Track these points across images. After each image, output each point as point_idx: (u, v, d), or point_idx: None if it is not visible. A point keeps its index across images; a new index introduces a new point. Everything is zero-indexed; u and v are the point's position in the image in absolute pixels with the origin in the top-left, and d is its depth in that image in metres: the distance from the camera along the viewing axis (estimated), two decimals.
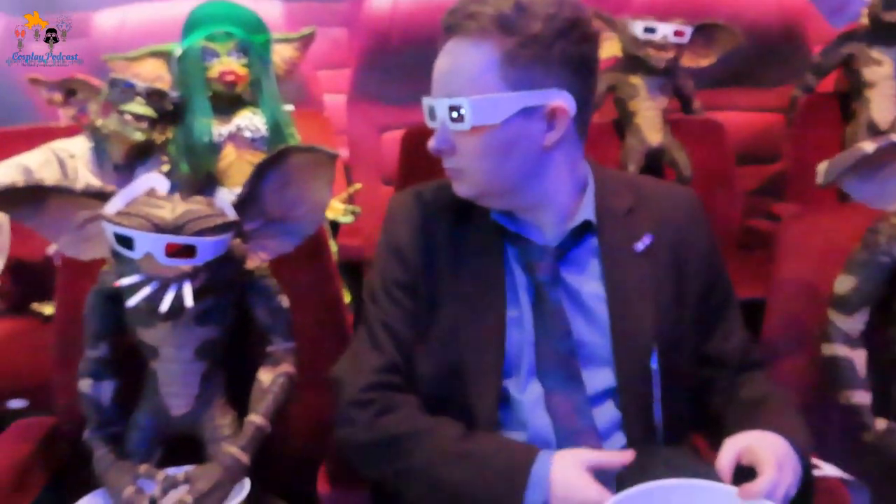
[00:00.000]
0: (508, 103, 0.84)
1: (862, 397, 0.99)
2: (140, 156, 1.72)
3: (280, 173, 0.99)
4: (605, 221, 0.94)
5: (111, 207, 0.92)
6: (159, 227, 0.89)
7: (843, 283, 1.01)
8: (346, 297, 1.85)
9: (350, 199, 1.92)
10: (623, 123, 1.98)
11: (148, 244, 0.88)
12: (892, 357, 1.02)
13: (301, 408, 1.05)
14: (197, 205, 0.94)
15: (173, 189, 1.78)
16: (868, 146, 0.90)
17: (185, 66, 1.69)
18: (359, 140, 2.19)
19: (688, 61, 1.97)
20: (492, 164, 0.87)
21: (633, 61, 1.92)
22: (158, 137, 1.70)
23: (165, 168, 1.75)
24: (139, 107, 1.63)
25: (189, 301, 0.89)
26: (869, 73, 1.91)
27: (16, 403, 1.62)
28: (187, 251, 0.89)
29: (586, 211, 0.94)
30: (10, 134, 1.85)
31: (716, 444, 0.80)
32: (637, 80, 1.93)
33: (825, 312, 1.03)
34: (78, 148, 1.70)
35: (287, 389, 1.02)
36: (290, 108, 1.84)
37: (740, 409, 0.91)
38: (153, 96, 1.65)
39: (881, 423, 0.98)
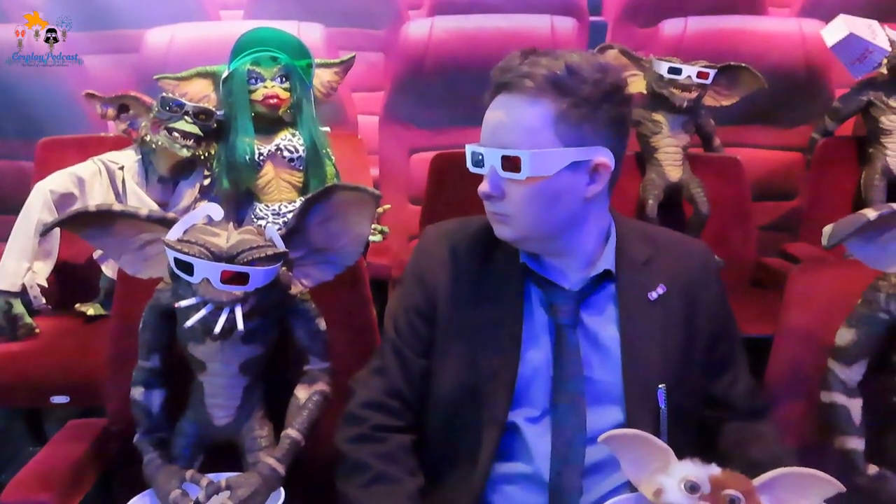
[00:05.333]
0: (561, 157, 0.92)
1: (856, 443, 1.06)
2: (183, 170, 1.82)
3: (326, 208, 1.08)
4: (623, 271, 1.01)
5: (173, 234, 1.01)
6: (216, 256, 0.98)
7: (844, 336, 1.08)
8: None
9: (379, 219, 2.01)
10: (644, 158, 2.05)
11: (206, 271, 0.97)
12: (887, 406, 1.08)
13: (334, 422, 1.13)
14: (249, 235, 1.03)
15: (214, 202, 1.89)
16: (871, 213, 0.97)
17: (230, 88, 1.79)
18: (389, 160, 2.27)
19: (710, 101, 2.05)
20: (538, 211, 0.95)
21: (656, 99, 2.00)
22: (202, 153, 1.79)
23: (206, 182, 1.85)
24: (187, 125, 1.73)
25: (240, 324, 0.98)
26: (887, 120, 1.98)
27: (59, 399, 1.72)
28: (240, 278, 0.98)
29: (607, 260, 1.01)
30: (65, 142, 1.95)
31: None
32: (660, 117, 2.01)
33: (826, 361, 1.10)
34: (126, 160, 1.79)
35: (321, 406, 1.11)
36: (326, 129, 1.93)
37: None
38: (200, 115, 1.75)
39: (872, 469, 1.05)
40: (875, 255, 1.02)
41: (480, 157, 0.96)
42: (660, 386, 0.97)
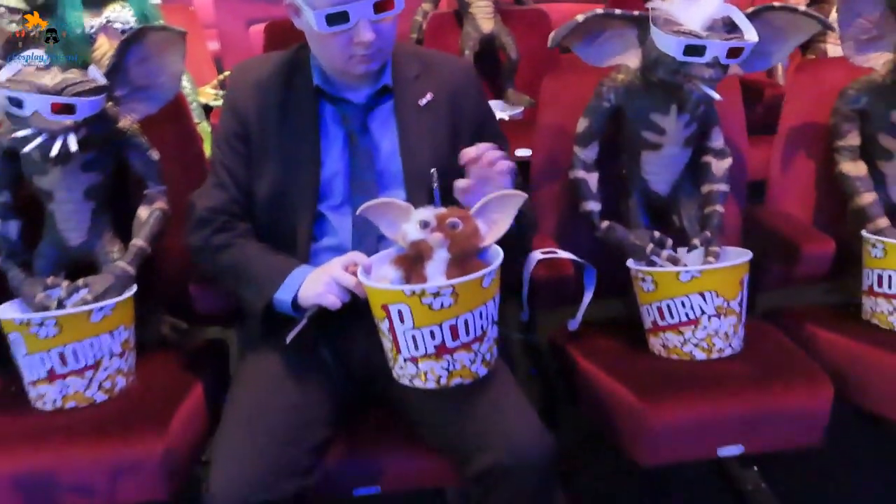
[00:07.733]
0: None
1: (593, 206, 1.37)
2: (15, 48, 1.87)
3: (140, 49, 1.24)
4: (399, 85, 1.24)
5: (1, 76, 1.15)
6: (43, 90, 1.13)
7: (581, 124, 1.37)
8: None
9: (222, 85, 2.14)
10: (461, 14, 2.27)
11: (36, 104, 1.13)
12: (618, 178, 1.41)
13: (174, 238, 1.33)
14: (73, 74, 1.18)
15: None
16: (580, 17, 1.24)
17: None
18: (227, 32, 2.38)
19: None
20: (393, 39, 1.16)
21: None
22: (32, 28, 1.85)
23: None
24: (11, 0, 1.78)
25: (74, 147, 1.15)
26: None
27: None
28: (69, 109, 1.14)
29: (386, 77, 1.24)
30: None
31: None
32: None
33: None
34: None
35: (161, 220, 1.31)
36: (156, 1, 2.01)
37: None
38: None
39: (605, 223, 1.37)
40: (593, 54, 1.29)
41: (348, 12, 1.08)
42: (431, 170, 1.22)
